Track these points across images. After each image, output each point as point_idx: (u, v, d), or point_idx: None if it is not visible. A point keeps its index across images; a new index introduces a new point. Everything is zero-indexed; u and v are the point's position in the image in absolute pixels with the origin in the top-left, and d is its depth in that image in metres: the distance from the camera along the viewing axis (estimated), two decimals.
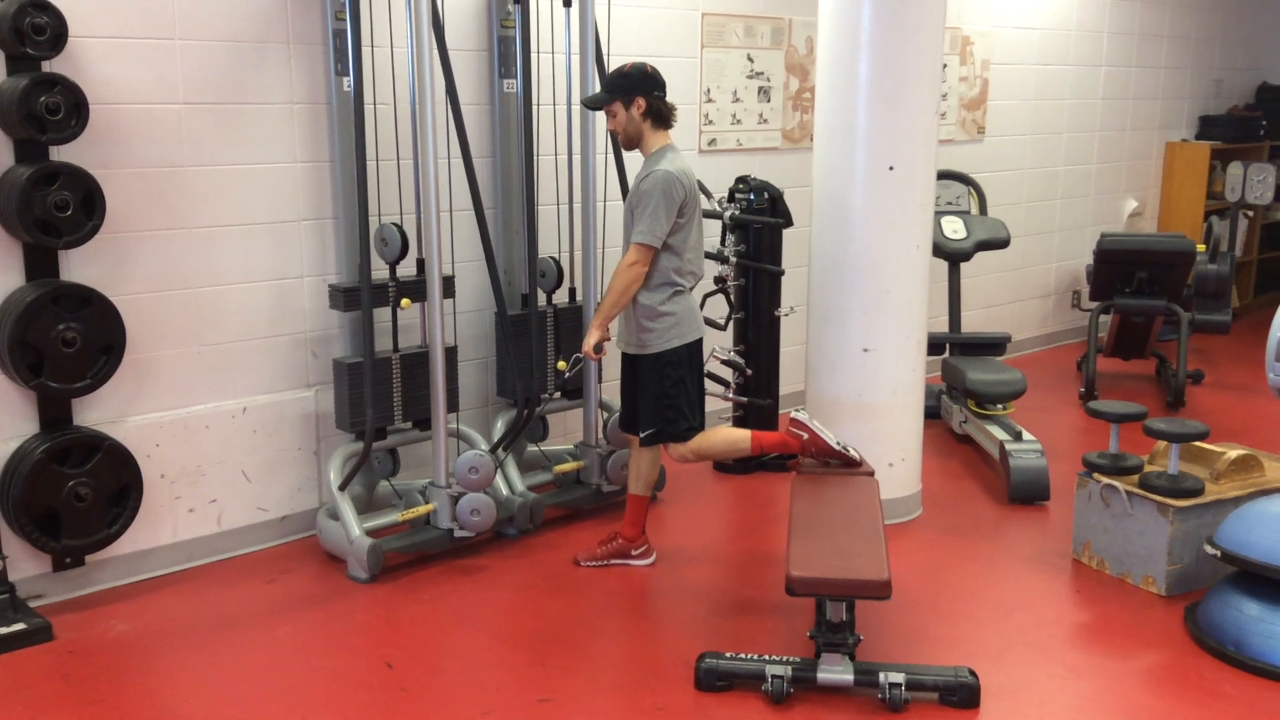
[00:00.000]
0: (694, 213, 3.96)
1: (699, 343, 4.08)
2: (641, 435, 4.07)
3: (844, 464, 3.99)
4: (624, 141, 4.05)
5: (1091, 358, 6.55)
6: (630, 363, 4.12)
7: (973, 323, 6.98)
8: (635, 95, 3.92)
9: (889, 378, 4.53)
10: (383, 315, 4.30)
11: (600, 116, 4.71)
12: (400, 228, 4.20)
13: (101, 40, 3.79)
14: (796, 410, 4.12)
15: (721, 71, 5.68)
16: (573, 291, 4.90)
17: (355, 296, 4.20)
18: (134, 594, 3.99)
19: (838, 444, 3.98)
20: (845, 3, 4.36)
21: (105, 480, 3.84)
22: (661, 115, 3.97)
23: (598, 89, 4.67)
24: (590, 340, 4.04)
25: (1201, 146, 8.56)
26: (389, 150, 4.36)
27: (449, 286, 4.36)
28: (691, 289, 4.06)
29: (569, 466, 4.79)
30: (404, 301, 4.25)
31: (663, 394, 4.00)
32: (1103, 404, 4.36)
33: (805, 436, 3.99)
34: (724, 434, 4.14)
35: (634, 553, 4.23)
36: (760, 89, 5.87)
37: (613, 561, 4.23)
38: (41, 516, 3.75)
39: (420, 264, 4.29)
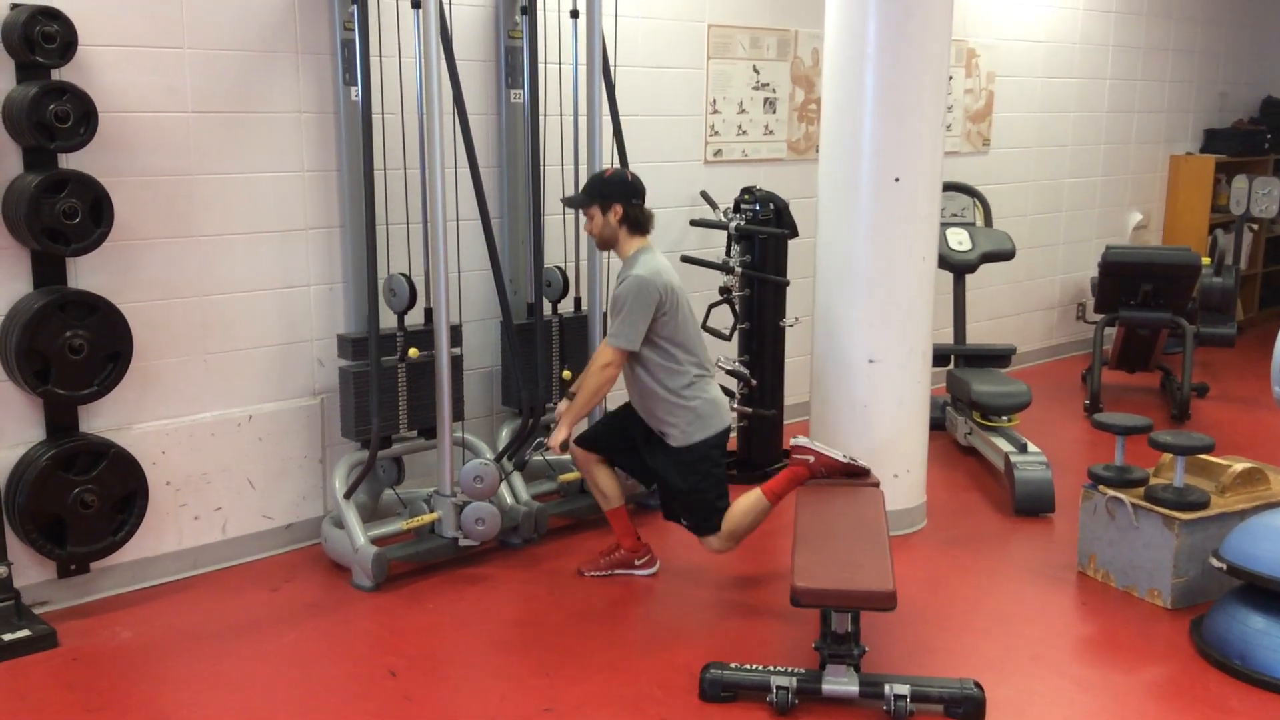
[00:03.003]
0: (676, 307, 3.92)
1: (725, 433, 4.03)
2: (685, 524, 4.06)
3: (854, 475, 3.98)
4: (599, 244, 4.06)
5: (1096, 370, 6.55)
6: (637, 421, 4.10)
7: (978, 334, 6.97)
8: (613, 202, 3.93)
9: (894, 389, 4.53)
10: (388, 320, 4.31)
11: (605, 125, 4.73)
12: (409, 278, 4.21)
13: (111, 49, 3.81)
14: (795, 439, 4.10)
15: (727, 83, 5.69)
16: (578, 301, 4.91)
17: (364, 347, 4.20)
18: (138, 601, 4.00)
19: (844, 457, 3.98)
20: (851, 15, 4.38)
21: (111, 487, 3.85)
22: (638, 223, 3.97)
23: (604, 101, 4.70)
24: (558, 436, 3.98)
25: (1206, 160, 8.56)
26: (396, 160, 4.37)
27: (456, 336, 4.35)
28: (709, 379, 4.03)
29: (573, 476, 4.78)
30: (412, 351, 4.27)
31: (693, 488, 3.98)
32: (1108, 416, 4.36)
33: (812, 460, 3.97)
34: (742, 509, 4.02)
35: (637, 563, 4.23)
36: (766, 100, 5.88)
37: (616, 572, 4.23)
38: (47, 523, 3.76)
39: (428, 313, 4.31)
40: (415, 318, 4.36)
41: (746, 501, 4.01)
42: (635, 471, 4.24)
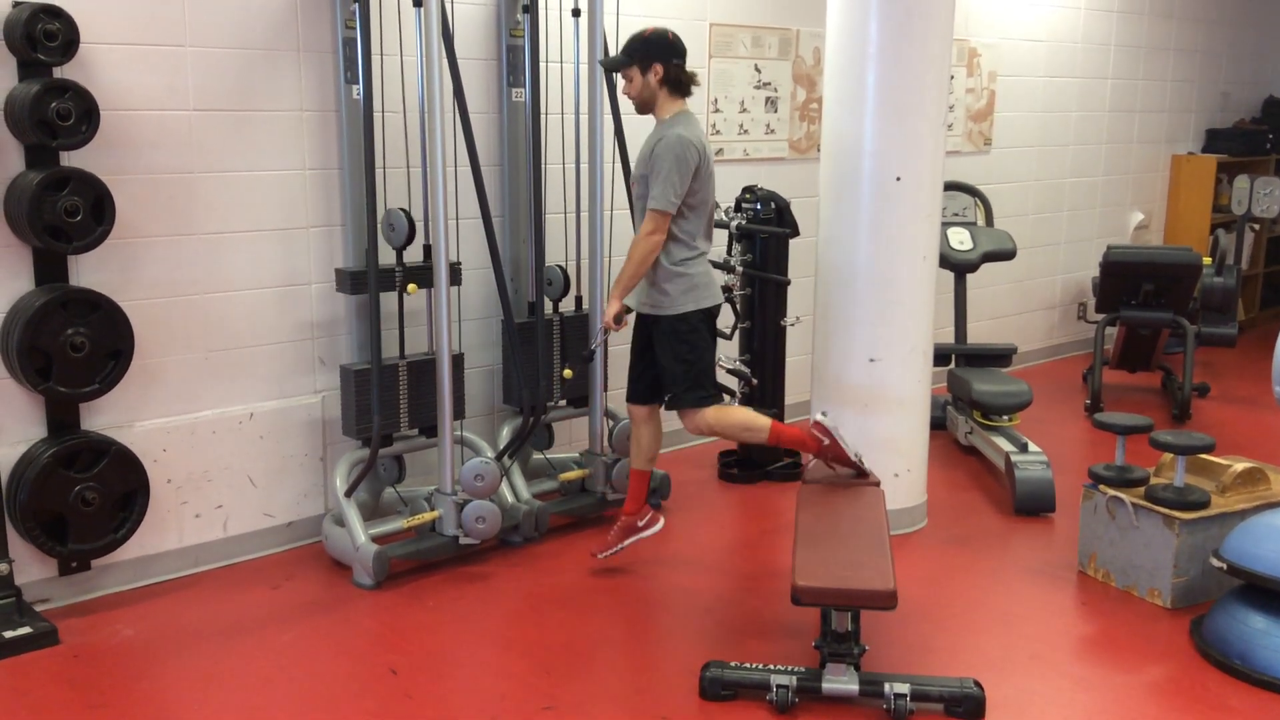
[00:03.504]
0: (709, 176, 3.90)
1: (716, 309, 4.04)
2: (666, 399, 4.05)
3: (855, 474, 3.99)
4: (638, 106, 4.01)
5: (1097, 370, 6.55)
6: (645, 325, 4.09)
7: (979, 334, 6.97)
8: (653, 61, 3.87)
9: (895, 388, 4.53)
10: (390, 322, 4.31)
11: (607, 124, 4.73)
12: (407, 213, 4.20)
13: (113, 47, 3.81)
14: (823, 414, 4.08)
15: (729, 81, 5.69)
16: (579, 300, 4.91)
17: (363, 280, 4.20)
18: (139, 599, 4.00)
19: (855, 455, 3.97)
20: (853, 14, 4.38)
21: (112, 485, 3.85)
22: (680, 83, 3.91)
23: (606, 99, 4.70)
24: (610, 310, 3.99)
25: (1208, 160, 8.56)
26: (397, 158, 4.37)
27: (456, 274, 4.33)
28: (707, 254, 4.04)
29: (574, 474, 4.79)
30: (410, 287, 4.25)
31: (680, 358, 3.97)
32: (1109, 416, 4.36)
33: (826, 442, 3.96)
34: (744, 414, 4.03)
35: (639, 524, 4.22)
36: (767, 99, 5.88)
37: (627, 542, 4.21)
38: (48, 521, 3.76)
39: (427, 250, 4.29)
40: (417, 305, 4.35)
41: (753, 418, 4.01)
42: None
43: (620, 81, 4.06)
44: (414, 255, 4.32)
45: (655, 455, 4.23)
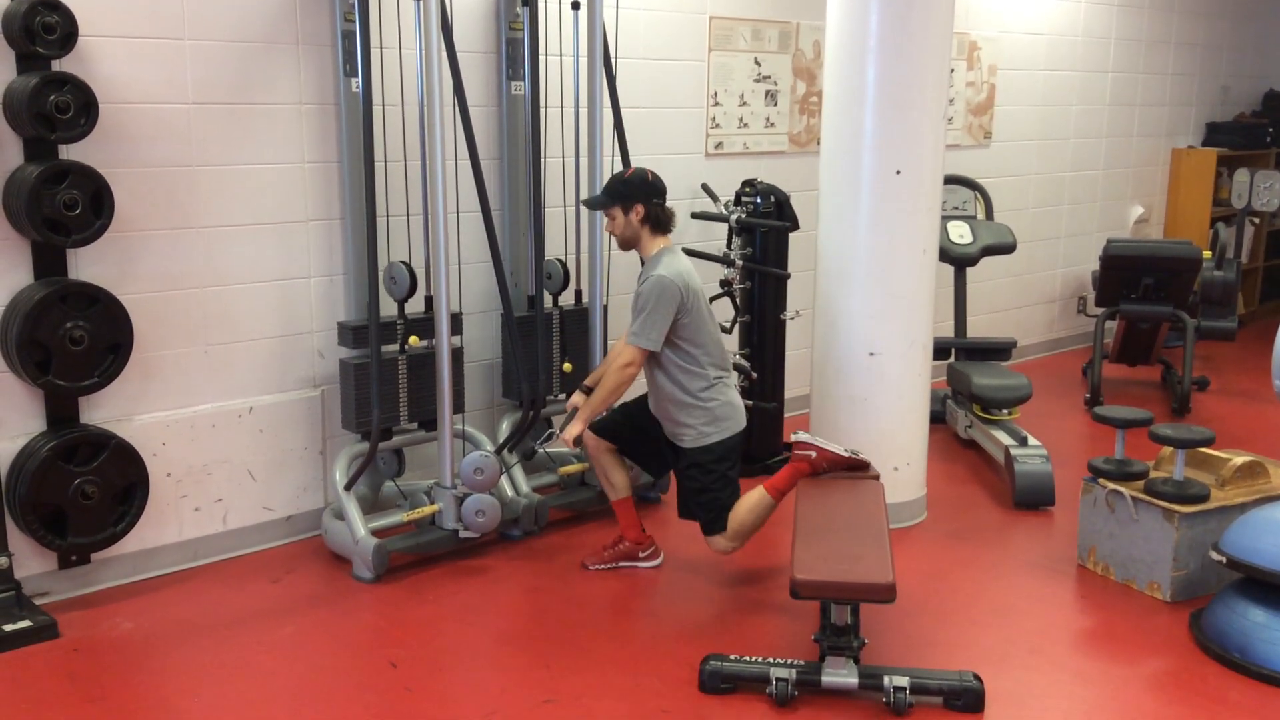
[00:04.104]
0: (698, 309, 3.92)
1: (739, 435, 4.03)
2: (687, 517, 4.08)
3: (856, 468, 3.99)
4: (621, 244, 4.05)
5: (1097, 363, 6.55)
6: (650, 415, 4.09)
7: (978, 328, 6.97)
8: (634, 202, 3.93)
9: (894, 382, 4.53)
10: (388, 310, 4.30)
11: (606, 117, 4.72)
12: (409, 265, 4.21)
13: (111, 40, 3.80)
14: (796, 434, 4.10)
15: (729, 75, 5.68)
16: (579, 293, 4.90)
17: (364, 335, 4.20)
18: (139, 592, 4.00)
19: (846, 451, 3.98)
20: (853, 7, 4.37)
21: (111, 478, 3.85)
22: (660, 221, 3.97)
23: (605, 93, 4.69)
24: (572, 431, 3.99)
25: (1208, 153, 8.55)
26: (396, 151, 4.36)
27: (456, 324, 4.34)
28: (727, 381, 4.03)
29: (574, 468, 4.78)
30: (412, 339, 4.27)
31: (705, 488, 3.98)
32: (1108, 409, 4.36)
33: (814, 455, 3.97)
34: (746, 507, 4.01)
35: (641, 555, 4.24)
36: (767, 93, 5.87)
37: (620, 564, 4.23)
38: (48, 514, 3.76)
39: (428, 301, 4.30)
40: (416, 306, 4.35)
41: (750, 499, 4.01)
42: (646, 463, 4.25)
43: (605, 221, 4.10)
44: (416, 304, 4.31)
45: (628, 481, 4.21)
